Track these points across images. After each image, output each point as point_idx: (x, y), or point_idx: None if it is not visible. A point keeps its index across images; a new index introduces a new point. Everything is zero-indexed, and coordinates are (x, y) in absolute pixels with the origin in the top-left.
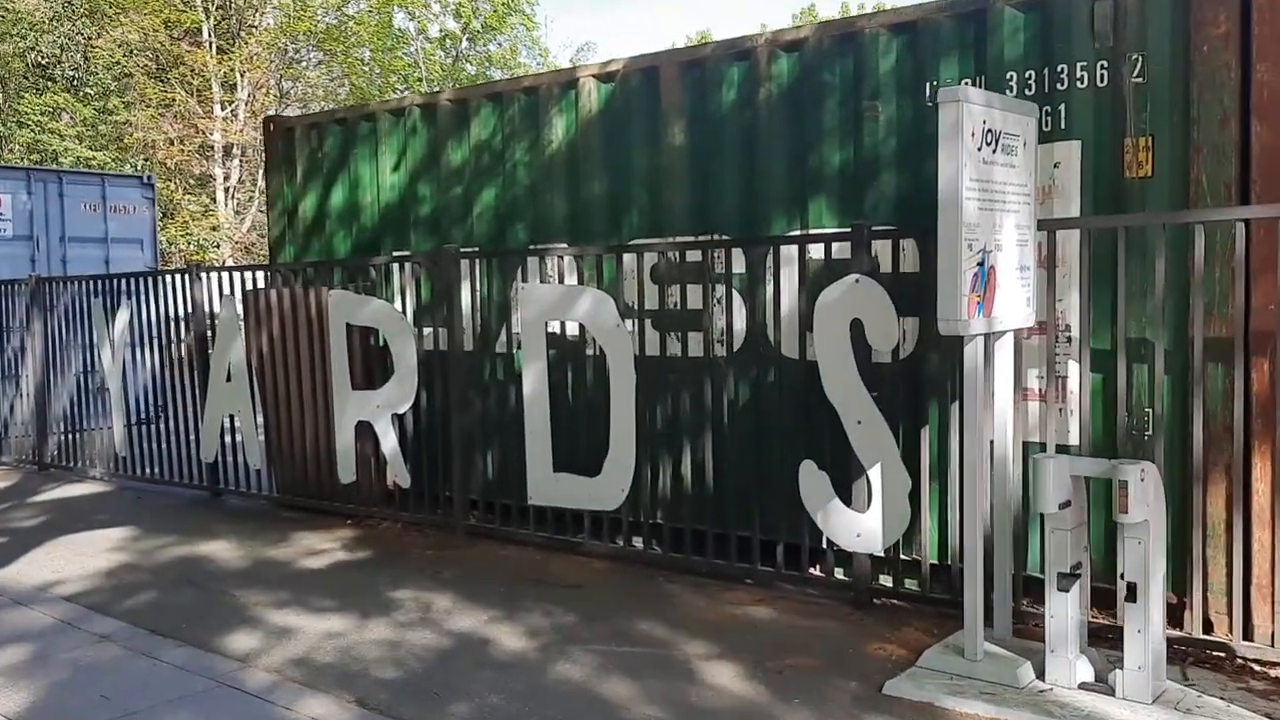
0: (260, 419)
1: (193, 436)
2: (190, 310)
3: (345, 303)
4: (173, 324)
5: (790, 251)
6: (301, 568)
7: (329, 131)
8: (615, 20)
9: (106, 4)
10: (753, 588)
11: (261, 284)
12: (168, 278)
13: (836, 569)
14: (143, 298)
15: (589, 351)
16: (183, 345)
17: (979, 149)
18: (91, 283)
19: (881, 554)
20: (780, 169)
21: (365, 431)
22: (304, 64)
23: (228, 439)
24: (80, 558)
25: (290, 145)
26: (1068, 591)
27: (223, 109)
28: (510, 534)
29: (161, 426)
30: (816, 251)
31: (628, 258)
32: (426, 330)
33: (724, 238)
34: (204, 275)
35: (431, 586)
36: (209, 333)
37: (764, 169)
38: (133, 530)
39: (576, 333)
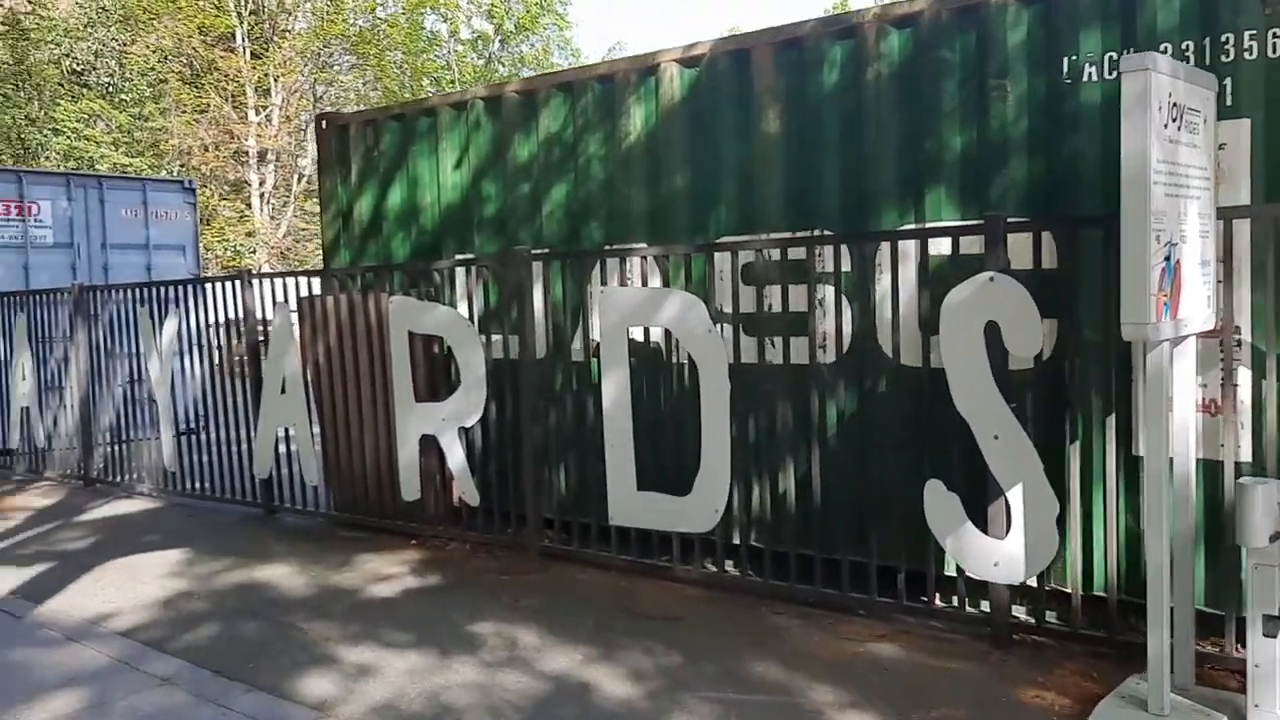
0: (317, 433)
1: (245, 451)
2: (242, 318)
3: (407, 309)
4: (223, 333)
5: (907, 247)
6: (370, 596)
7: (385, 128)
8: (643, 19)
9: (140, 10)
10: (869, 620)
11: (317, 290)
12: (218, 284)
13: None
14: (191, 305)
15: (676, 359)
16: (234, 355)
17: (1164, 126)
18: (137, 290)
19: (1023, 584)
20: (890, 156)
21: (429, 446)
22: (337, 68)
23: (281, 451)
24: (133, 585)
25: (344, 143)
26: (1275, 636)
27: (257, 114)
28: (589, 556)
29: (213, 440)
30: (937, 247)
31: (718, 257)
32: (493, 337)
33: (827, 233)
34: (256, 281)
35: (513, 618)
36: (262, 342)
37: (872, 157)
38: (187, 552)
39: (661, 339)
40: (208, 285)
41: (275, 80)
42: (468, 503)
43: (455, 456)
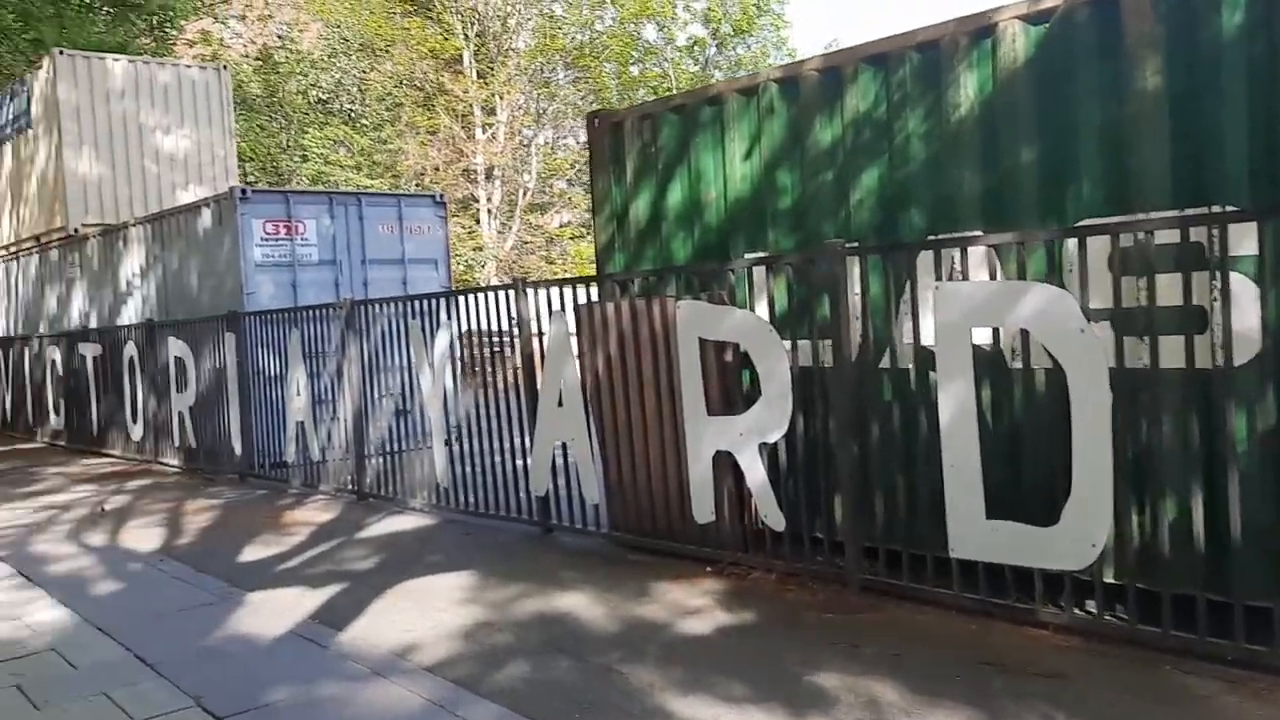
0: (597, 448)
1: (519, 464)
2: (516, 329)
3: (698, 314)
4: (496, 344)
5: None
6: (683, 633)
7: (664, 121)
8: (856, 15)
9: (377, 38)
10: None
11: (595, 297)
12: (490, 294)
13: None
14: (462, 316)
15: (1033, 364)
16: (509, 367)
17: None
18: (407, 303)
19: None
20: None
21: (723, 463)
22: (555, 83)
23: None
24: (428, 612)
25: (619, 141)
26: None
27: (483, 132)
28: (924, 593)
29: (482, 452)
30: None
31: (1092, 243)
32: (796, 343)
33: (1230, 209)
34: (530, 290)
35: (858, 668)
36: (537, 352)
37: None
38: (473, 576)
39: (1013, 341)
40: (481, 295)
41: (500, 98)
42: (771, 527)
43: (755, 475)
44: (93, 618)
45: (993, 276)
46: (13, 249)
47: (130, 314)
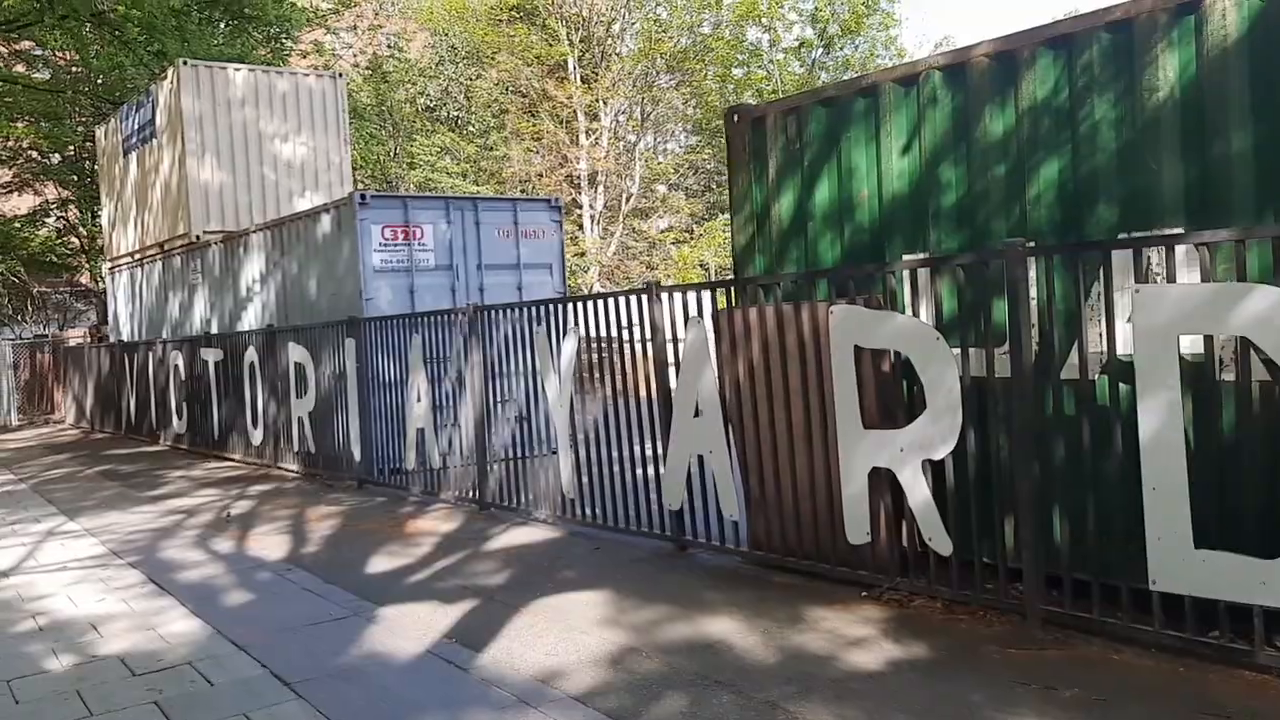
0: (737, 461)
1: (646, 475)
2: (649, 335)
3: (854, 320)
4: (626, 351)
5: None
6: (848, 667)
7: (811, 115)
8: (966, 13)
9: (484, 45)
10: None
11: (730, 302)
12: (621, 299)
13: None
14: (590, 322)
15: (1256, 377)
16: (638, 373)
17: None
18: (532, 309)
19: None
20: None
21: (880, 480)
22: (659, 87)
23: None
24: (567, 633)
25: (760, 137)
26: None
27: (587, 137)
28: (1117, 629)
29: (612, 463)
30: None
31: None
32: (961, 350)
33: None
34: (664, 295)
35: (1060, 714)
36: (671, 360)
37: None
38: (610, 594)
39: (1226, 350)
40: (611, 300)
41: (604, 104)
42: (936, 551)
43: (918, 494)
44: (226, 630)
45: (1204, 278)
46: (138, 255)
47: (250, 319)
